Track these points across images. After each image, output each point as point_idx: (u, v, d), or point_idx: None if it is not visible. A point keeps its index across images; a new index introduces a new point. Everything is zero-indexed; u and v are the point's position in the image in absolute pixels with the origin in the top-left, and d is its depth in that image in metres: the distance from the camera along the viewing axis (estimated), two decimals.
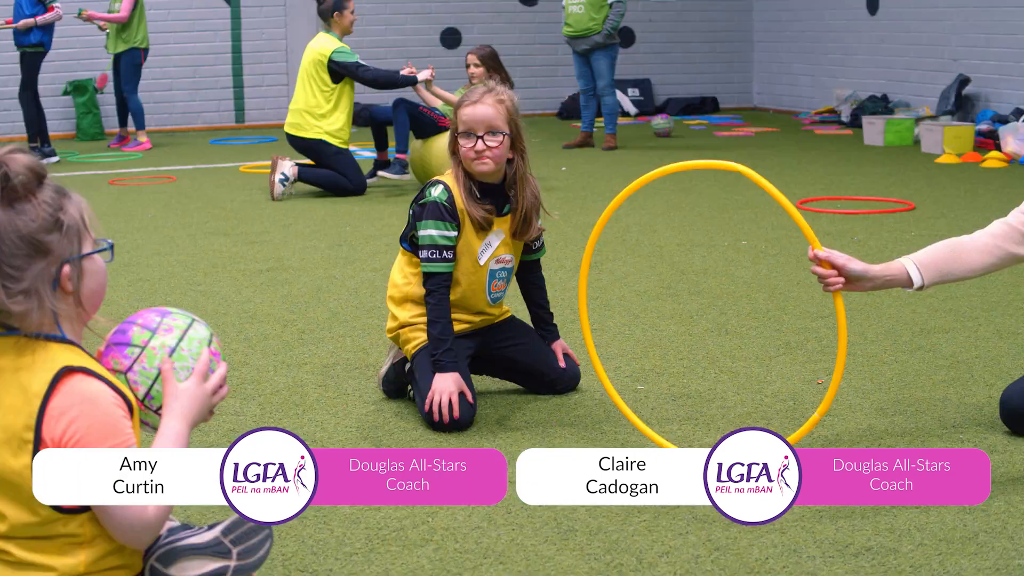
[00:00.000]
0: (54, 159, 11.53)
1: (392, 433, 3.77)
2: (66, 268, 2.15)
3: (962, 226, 7.19)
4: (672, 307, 5.33)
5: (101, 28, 12.29)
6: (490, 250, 3.90)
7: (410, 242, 3.94)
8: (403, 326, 3.97)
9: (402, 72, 8.98)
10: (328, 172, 8.94)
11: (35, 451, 2.08)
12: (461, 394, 3.76)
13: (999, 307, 5.20)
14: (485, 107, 3.82)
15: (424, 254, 3.82)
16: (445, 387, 3.73)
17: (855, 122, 13.19)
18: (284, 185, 8.75)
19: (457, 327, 3.92)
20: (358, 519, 3.10)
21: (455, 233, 3.83)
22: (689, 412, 3.91)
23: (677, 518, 3.07)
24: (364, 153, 10.86)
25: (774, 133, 13.26)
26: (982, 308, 5.19)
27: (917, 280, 3.45)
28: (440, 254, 3.81)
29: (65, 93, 13.83)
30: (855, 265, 3.40)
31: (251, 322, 5.20)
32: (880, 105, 13.14)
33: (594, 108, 12.07)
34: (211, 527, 2.40)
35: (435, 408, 3.71)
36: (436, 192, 3.86)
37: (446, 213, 3.82)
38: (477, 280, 3.92)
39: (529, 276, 4.15)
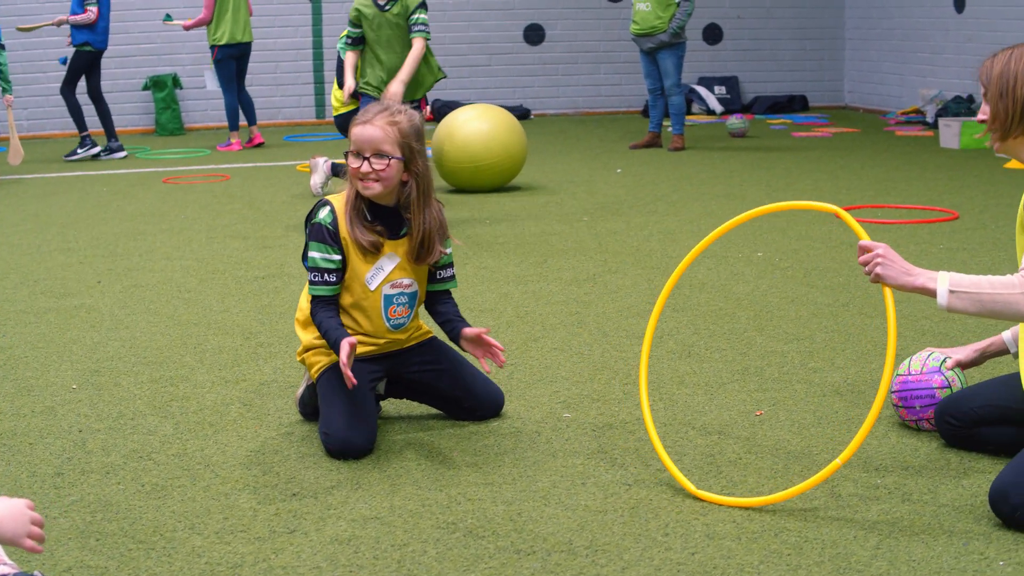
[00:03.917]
0: (122, 154, 11.73)
1: (288, 459, 3.66)
2: None
3: (997, 237, 6.87)
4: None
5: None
6: (381, 274, 3.76)
7: None
8: (307, 349, 3.86)
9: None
10: None
11: None
12: (359, 414, 3.64)
13: None
14: (373, 128, 3.67)
15: (310, 277, 3.72)
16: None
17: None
18: (319, 183, 8.68)
19: (363, 349, 3.80)
20: (202, 553, 3.01)
21: (339, 257, 3.71)
22: (600, 445, 3.73)
23: (522, 567, 2.91)
24: None
25: (853, 134, 12.86)
26: (982, 334, 4.91)
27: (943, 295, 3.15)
28: (322, 277, 3.70)
29: (145, 88, 14.04)
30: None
31: (216, 334, 5.14)
32: (964, 106, 12.66)
33: (662, 108, 11.83)
34: None
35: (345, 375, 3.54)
36: (322, 214, 3.74)
37: (328, 237, 3.71)
38: (372, 306, 3.78)
39: (440, 308, 3.94)
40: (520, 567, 2.91)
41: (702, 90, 15.53)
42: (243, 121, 12.81)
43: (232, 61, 12.14)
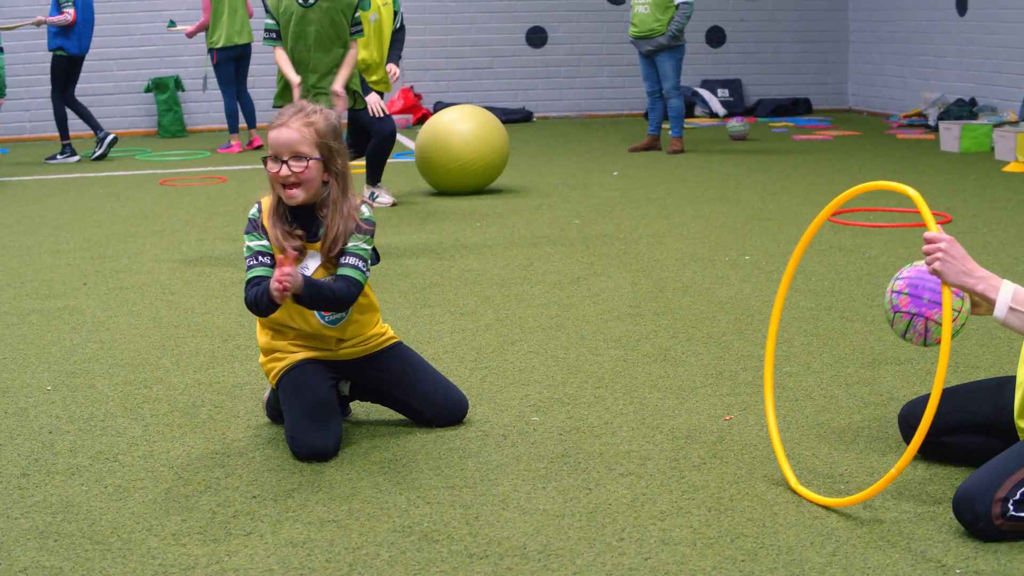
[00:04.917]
0: (110, 137, 11.84)
1: (252, 461, 3.66)
2: None
3: (988, 240, 6.85)
4: (625, 329, 5.13)
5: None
6: (306, 272, 3.74)
7: None
8: (265, 353, 3.86)
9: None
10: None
11: None
12: (325, 418, 3.64)
13: (974, 335, 4.88)
14: (289, 131, 3.66)
15: (247, 265, 3.72)
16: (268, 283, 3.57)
17: None
18: None
19: (313, 354, 3.81)
20: (157, 554, 3.01)
21: (267, 241, 3.72)
22: (565, 449, 3.72)
23: (473, 571, 2.90)
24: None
25: (854, 137, 12.83)
26: (961, 339, 4.87)
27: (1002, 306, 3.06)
28: (257, 259, 3.70)
29: (147, 90, 14.07)
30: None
31: (195, 336, 5.15)
32: (966, 109, 12.62)
33: (661, 110, 11.81)
34: None
35: (275, 290, 3.51)
36: (252, 211, 3.79)
37: (255, 227, 3.75)
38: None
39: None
40: (471, 571, 2.90)
41: (705, 93, 15.52)
42: (244, 123, 12.83)
43: (230, 63, 12.15)
